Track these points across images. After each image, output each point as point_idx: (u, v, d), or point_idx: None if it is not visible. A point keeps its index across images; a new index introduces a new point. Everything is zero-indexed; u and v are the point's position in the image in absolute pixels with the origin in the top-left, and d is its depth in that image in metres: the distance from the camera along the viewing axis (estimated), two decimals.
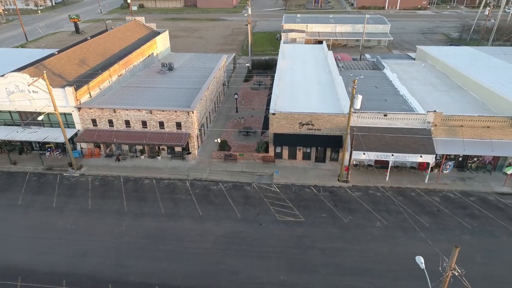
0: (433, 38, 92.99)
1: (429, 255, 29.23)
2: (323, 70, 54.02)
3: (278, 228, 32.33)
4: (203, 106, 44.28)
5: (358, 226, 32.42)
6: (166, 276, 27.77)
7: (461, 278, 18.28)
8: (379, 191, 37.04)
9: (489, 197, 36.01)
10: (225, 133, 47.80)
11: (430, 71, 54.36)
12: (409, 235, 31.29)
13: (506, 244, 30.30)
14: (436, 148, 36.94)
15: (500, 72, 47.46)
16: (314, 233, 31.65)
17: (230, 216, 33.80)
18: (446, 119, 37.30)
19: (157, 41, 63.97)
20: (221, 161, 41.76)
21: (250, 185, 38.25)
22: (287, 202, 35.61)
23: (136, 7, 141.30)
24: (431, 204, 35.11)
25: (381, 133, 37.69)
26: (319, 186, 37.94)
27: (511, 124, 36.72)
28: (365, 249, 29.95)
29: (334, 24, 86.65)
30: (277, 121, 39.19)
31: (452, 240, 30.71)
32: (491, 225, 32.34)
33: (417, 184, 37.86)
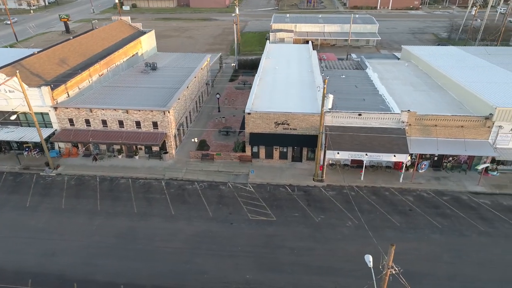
0: (423, 38, 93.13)
1: (397, 254, 29.38)
2: (306, 70, 54.12)
3: (249, 227, 32.38)
4: (181, 105, 44.30)
5: (329, 226, 32.48)
6: (133, 275, 27.80)
7: (398, 276, 18.25)
8: (353, 191, 37.12)
9: (462, 196, 36.11)
10: (205, 132, 47.84)
11: (413, 71, 54.46)
12: (379, 234, 31.37)
13: (475, 243, 30.38)
14: (410, 148, 37.04)
15: (480, 72, 47.53)
16: (285, 233, 31.71)
17: (202, 215, 33.85)
18: (420, 119, 37.41)
19: (142, 41, 63.95)
20: (198, 160, 41.80)
21: (226, 184, 38.30)
22: (261, 201, 35.66)
23: (129, 7, 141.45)
24: (404, 203, 35.19)
25: (356, 133, 37.80)
26: (294, 185, 38.02)
27: (484, 124, 36.85)
28: (334, 248, 30.02)
29: (322, 24, 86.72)
30: (253, 121, 39.24)
31: (421, 239, 30.81)
32: (461, 224, 32.43)
33: (391, 183, 37.95)
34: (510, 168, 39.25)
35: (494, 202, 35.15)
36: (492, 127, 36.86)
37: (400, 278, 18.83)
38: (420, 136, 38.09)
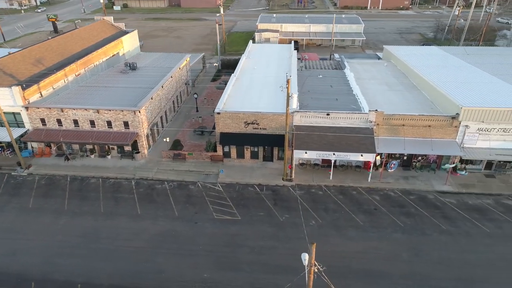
0: (409, 38, 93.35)
1: (356, 252, 29.68)
2: (284, 70, 54.23)
3: (212, 226, 32.51)
4: (155, 105, 44.41)
5: (292, 225, 32.62)
6: (92, 274, 27.91)
7: (321, 274, 18.40)
8: (321, 190, 37.27)
9: (429, 195, 36.28)
10: (180, 132, 47.96)
11: (390, 71, 54.63)
12: (340, 233, 31.53)
13: (435, 242, 30.55)
14: (378, 147, 37.21)
15: (455, 71, 47.67)
16: (248, 232, 31.85)
17: (168, 215, 33.97)
18: (387, 118, 37.57)
19: (124, 41, 64.04)
20: (170, 160, 41.92)
21: (195, 184, 38.43)
22: (228, 201, 35.80)
23: (120, 7, 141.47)
24: (370, 202, 35.35)
25: (325, 132, 37.95)
26: (263, 185, 38.15)
27: (451, 124, 37.02)
28: (294, 247, 30.11)
29: (308, 24, 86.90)
30: (223, 120, 39.36)
31: (383, 238, 30.97)
32: (424, 223, 32.60)
33: (360, 183, 38.11)
34: (479, 168, 39.45)
35: (460, 201, 35.33)
36: (459, 126, 37.05)
37: (323, 276, 18.91)
38: (388, 136, 38.25)
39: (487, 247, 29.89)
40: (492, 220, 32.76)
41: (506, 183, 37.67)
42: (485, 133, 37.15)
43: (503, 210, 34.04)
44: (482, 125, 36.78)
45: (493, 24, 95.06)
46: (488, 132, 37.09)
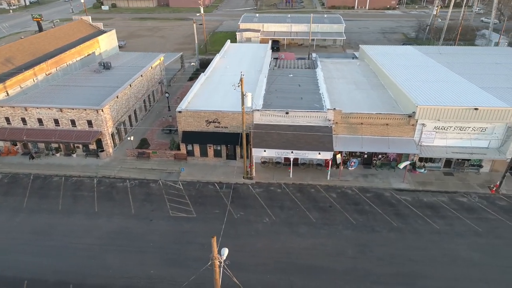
0: (391, 37, 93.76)
1: (303, 249, 30.03)
2: (256, 69, 54.57)
3: (167, 224, 32.83)
4: (122, 104, 44.71)
5: (246, 222, 32.96)
6: (40, 271, 28.19)
7: (226, 269, 18.78)
8: (280, 188, 37.63)
9: (385, 193, 36.66)
10: (149, 131, 48.25)
11: (362, 70, 55.00)
12: (292, 230, 31.88)
13: (384, 238, 30.91)
14: (335, 145, 37.58)
15: (422, 70, 47.98)
16: (200, 229, 32.19)
17: (124, 212, 34.28)
18: (346, 117, 37.94)
19: (100, 41, 64.34)
20: (135, 159, 42.25)
21: (157, 182, 38.76)
22: (186, 199, 36.13)
23: (108, 7, 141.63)
24: (326, 200, 35.71)
25: (285, 131, 38.29)
26: (223, 183, 38.49)
27: (408, 122, 37.40)
28: (244, 244, 30.50)
29: (290, 23, 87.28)
30: (184, 119, 39.69)
31: (332, 235, 31.33)
32: (376, 220, 32.97)
33: (319, 181, 38.47)
34: (438, 166, 39.83)
35: (415, 199, 35.72)
36: (416, 125, 37.44)
37: (227, 270, 19.25)
38: (347, 134, 38.61)
39: (433, 244, 30.27)
40: (444, 217, 33.15)
41: (463, 181, 38.06)
42: (442, 131, 37.55)
43: (456, 207, 34.44)
44: (438, 124, 37.18)
45: (477, 24, 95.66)
46: (445, 130, 37.49)
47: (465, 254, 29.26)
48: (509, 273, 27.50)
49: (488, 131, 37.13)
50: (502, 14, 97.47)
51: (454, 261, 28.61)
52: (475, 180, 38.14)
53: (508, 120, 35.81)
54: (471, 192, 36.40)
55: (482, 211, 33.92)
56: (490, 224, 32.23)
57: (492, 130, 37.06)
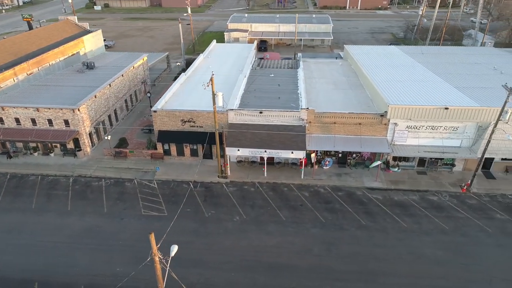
0: (380, 37, 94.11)
1: (270, 247, 30.32)
2: (238, 69, 54.84)
3: (137, 222, 33.11)
4: (101, 103, 44.97)
5: (216, 220, 33.24)
6: (6, 269, 28.41)
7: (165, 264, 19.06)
8: (254, 187, 37.92)
9: (357, 192, 36.97)
10: (129, 130, 48.52)
11: (343, 70, 55.33)
12: (260, 229, 32.17)
13: (351, 237, 31.21)
14: (308, 145, 37.89)
15: (400, 70, 48.28)
16: (170, 227, 32.42)
17: (97, 211, 34.54)
18: (319, 116, 38.24)
19: (85, 41, 64.53)
20: (112, 158, 42.49)
21: (132, 181, 39.03)
22: (159, 197, 36.40)
23: (100, 7, 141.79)
24: (298, 199, 36.01)
25: (259, 130, 38.57)
26: (198, 182, 38.77)
27: (381, 121, 37.71)
28: (211, 242, 30.78)
29: (278, 23, 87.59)
30: (160, 119, 39.97)
31: (300, 233, 31.62)
32: (345, 218, 33.27)
33: (293, 179, 38.77)
34: (412, 165, 40.15)
35: (386, 197, 36.04)
36: (388, 124, 37.75)
37: (165, 265, 19.51)
38: (321, 133, 38.93)
39: (399, 242, 30.59)
40: (412, 216, 33.47)
41: (436, 179, 38.40)
42: (414, 130, 37.87)
43: (425, 205, 34.76)
44: (410, 123, 37.51)
45: (467, 24, 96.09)
46: (417, 129, 37.82)
47: (430, 252, 29.58)
48: (469, 270, 27.81)
49: (460, 131, 37.46)
50: (491, 14, 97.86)
51: (417, 259, 28.92)
52: (448, 179, 38.46)
53: (479, 120, 36.13)
54: (442, 191, 36.73)
55: (451, 209, 34.25)
56: (457, 223, 32.55)
57: (464, 129, 37.40)
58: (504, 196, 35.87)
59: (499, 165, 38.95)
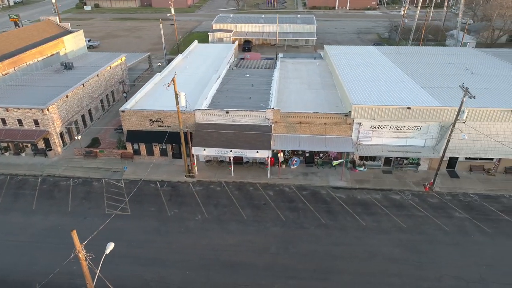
0: (365, 38, 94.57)
1: (229, 245, 30.64)
2: (214, 69, 55.14)
3: (100, 221, 33.27)
4: (73, 103, 45.21)
5: (178, 219, 33.54)
6: None
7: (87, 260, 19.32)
8: (220, 186, 38.22)
9: (322, 191, 37.32)
10: (103, 130, 48.77)
11: (319, 70, 55.68)
12: (221, 227, 32.48)
13: (309, 235, 31.52)
14: (274, 144, 38.23)
15: (372, 70, 48.64)
16: (132, 226, 32.73)
17: (61, 210, 34.80)
18: (284, 116, 38.58)
19: (66, 41, 64.74)
20: (83, 158, 42.76)
21: (100, 180, 39.29)
22: (125, 197, 36.67)
23: (90, 7, 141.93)
24: (262, 198, 36.32)
25: (226, 130, 38.89)
26: (165, 181, 39.07)
27: (345, 121, 38.08)
28: (171, 241, 31.06)
29: (262, 24, 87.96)
30: (128, 118, 40.23)
31: (260, 232, 31.94)
32: (306, 217, 33.60)
33: (260, 179, 39.08)
34: (378, 164, 40.53)
35: (349, 196, 36.39)
36: (353, 124, 38.12)
37: (89, 262, 19.79)
38: (287, 133, 39.28)
39: (357, 240, 30.95)
40: (373, 214, 33.83)
41: (400, 178, 38.78)
42: (379, 130, 38.25)
43: (387, 204, 35.13)
44: (374, 123, 37.90)
45: (454, 24, 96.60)
46: (382, 129, 38.19)
47: (386, 250, 29.94)
48: (422, 268, 28.17)
49: (423, 130, 37.86)
50: (476, 14, 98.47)
51: (373, 257, 29.28)
52: (412, 178, 38.85)
53: (441, 120, 36.53)
54: (405, 190, 37.11)
55: (411, 208, 34.63)
56: (416, 221, 32.92)
57: (427, 129, 37.80)
58: (466, 195, 36.28)
59: (463, 164, 39.37)
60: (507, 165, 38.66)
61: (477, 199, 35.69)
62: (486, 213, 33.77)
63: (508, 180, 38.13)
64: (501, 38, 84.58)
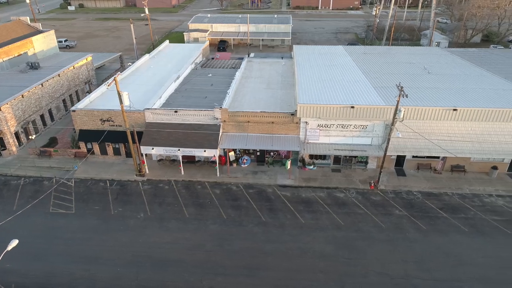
0: (342, 37, 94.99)
1: (165, 243, 30.94)
2: (178, 69, 55.41)
3: (42, 220, 33.61)
4: (29, 103, 45.40)
5: (120, 218, 33.82)
6: None
7: None
8: (169, 185, 38.54)
9: (268, 189, 37.66)
10: (63, 130, 48.99)
11: (283, 70, 56.05)
12: (161, 225, 32.81)
13: (246, 233, 31.84)
14: (222, 143, 38.57)
15: (330, 70, 48.97)
16: (73, 224, 33.00)
17: (5, 209, 34.98)
18: (233, 115, 38.93)
19: (35, 41, 64.81)
20: (37, 157, 43.00)
21: (51, 180, 39.56)
22: (72, 195, 36.93)
23: (74, 7, 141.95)
24: (208, 196, 36.65)
25: (175, 129, 39.21)
26: (115, 180, 39.35)
27: (292, 120, 38.45)
28: (108, 239, 31.35)
29: (238, 24, 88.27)
30: (80, 118, 40.52)
31: (198, 230, 32.26)
32: (247, 215, 33.94)
33: (209, 177, 39.41)
34: (328, 162, 40.93)
35: (294, 194, 36.76)
36: (299, 123, 38.50)
37: None
38: (236, 132, 39.62)
39: (292, 237, 31.30)
40: (313, 212, 34.21)
41: (348, 177, 39.18)
42: (326, 129, 38.63)
43: (330, 202, 35.52)
44: (321, 122, 38.28)
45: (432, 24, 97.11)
46: (328, 128, 38.57)
47: (319, 247, 30.32)
48: (350, 264, 28.56)
49: (369, 129, 38.27)
50: (453, 14, 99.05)
51: (304, 254, 29.64)
52: (360, 176, 39.26)
53: (385, 118, 36.95)
54: (351, 188, 37.52)
55: (353, 206, 35.02)
56: (355, 218, 33.32)
57: (373, 128, 38.20)
58: (409, 193, 36.71)
59: (411, 162, 39.81)
60: (453, 163, 39.13)
61: (420, 197, 36.12)
62: (426, 211, 34.21)
63: (453, 178, 38.60)
64: (476, 37, 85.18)
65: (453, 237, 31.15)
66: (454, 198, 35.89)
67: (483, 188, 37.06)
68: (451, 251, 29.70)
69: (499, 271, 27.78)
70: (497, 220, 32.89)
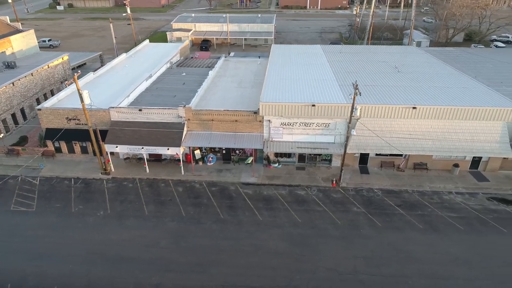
0: (327, 37, 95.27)
1: (122, 240, 31.09)
2: (151, 67, 55.53)
3: (3, 218, 33.68)
4: (0, 102, 45.61)
5: (79, 215, 33.99)
6: None
7: None
8: (132, 183, 38.74)
9: (231, 187, 37.91)
10: (34, 129, 49.13)
11: (258, 69, 56.21)
12: (120, 223, 33.01)
13: (204, 230, 32.07)
14: (185, 141, 38.79)
15: (302, 69, 49.27)
16: (32, 222, 33.17)
17: None
18: (196, 114, 39.16)
19: (12, 40, 64.91)
20: (4, 155, 43.16)
21: (16, 178, 39.72)
22: (35, 194, 37.10)
23: (63, 7, 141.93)
24: (170, 194, 36.86)
25: (140, 128, 39.41)
26: (81, 178, 39.54)
27: (256, 118, 38.71)
28: (65, 236, 31.51)
29: (221, 23, 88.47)
30: (45, 116, 40.70)
31: (157, 227, 32.46)
32: (206, 212, 34.18)
33: (174, 175, 39.63)
34: (293, 160, 41.18)
35: (256, 192, 36.99)
36: (263, 121, 38.76)
37: None
38: (201, 130, 39.86)
39: (248, 234, 31.54)
40: (272, 210, 34.45)
41: (311, 174, 39.45)
42: (289, 127, 38.88)
43: (290, 200, 35.78)
44: (284, 120, 38.51)
45: (419, 24, 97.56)
46: (291, 126, 38.82)
47: (273, 244, 30.55)
48: (301, 261, 28.81)
49: (331, 127, 38.52)
50: (438, 14, 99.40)
51: (257, 250, 29.88)
52: (323, 174, 39.54)
53: (347, 116, 37.22)
54: (313, 186, 37.79)
55: (313, 203, 35.29)
56: (312, 216, 33.59)
57: (335, 126, 38.45)
58: (370, 190, 37.00)
59: (374, 160, 40.11)
60: (416, 160, 39.45)
61: (380, 194, 36.42)
62: (383, 208, 34.51)
63: (415, 176, 38.93)
64: (458, 37, 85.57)
65: (407, 234, 31.47)
66: (413, 195, 36.21)
67: (443, 185, 37.40)
68: (403, 247, 30.01)
69: (446, 267, 28.09)
70: (452, 217, 33.21)
